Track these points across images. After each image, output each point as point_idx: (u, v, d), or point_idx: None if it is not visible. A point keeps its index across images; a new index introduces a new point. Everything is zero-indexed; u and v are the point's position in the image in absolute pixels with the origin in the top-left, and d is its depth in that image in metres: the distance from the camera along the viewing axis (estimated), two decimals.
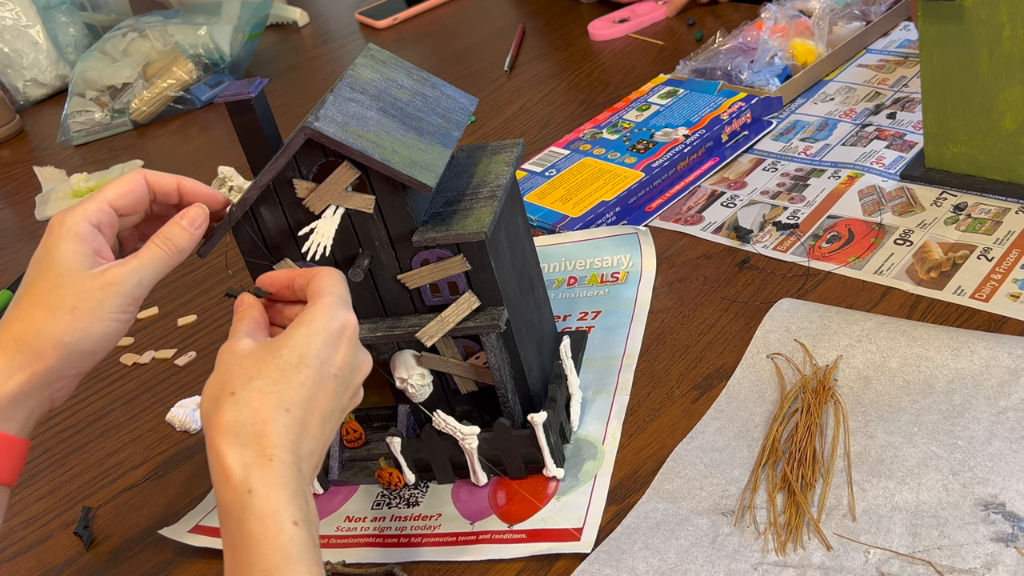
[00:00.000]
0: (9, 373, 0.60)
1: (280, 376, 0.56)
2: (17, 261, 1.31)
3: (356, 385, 0.61)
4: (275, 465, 0.54)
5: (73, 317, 0.61)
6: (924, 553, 0.63)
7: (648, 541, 0.68)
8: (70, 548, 0.83)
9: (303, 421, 0.56)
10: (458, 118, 0.76)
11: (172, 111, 1.65)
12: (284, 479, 0.54)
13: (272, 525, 0.52)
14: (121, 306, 0.62)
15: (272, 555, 0.52)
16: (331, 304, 0.60)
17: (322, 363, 0.58)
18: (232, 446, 0.54)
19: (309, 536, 0.53)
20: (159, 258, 0.65)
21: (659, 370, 0.84)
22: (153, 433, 0.94)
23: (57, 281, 0.62)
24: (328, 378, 0.58)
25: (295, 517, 0.53)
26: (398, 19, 1.77)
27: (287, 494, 0.53)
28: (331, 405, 0.58)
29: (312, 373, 0.57)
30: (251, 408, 0.55)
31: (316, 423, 0.57)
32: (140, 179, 0.68)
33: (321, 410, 0.57)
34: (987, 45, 0.87)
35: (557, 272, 0.99)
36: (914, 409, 0.73)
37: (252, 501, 0.53)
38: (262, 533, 0.52)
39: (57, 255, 0.62)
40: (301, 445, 0.56)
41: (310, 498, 0.55)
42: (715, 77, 1.22)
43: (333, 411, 0.59)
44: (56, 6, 1.83)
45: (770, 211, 1.00)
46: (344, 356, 0.59)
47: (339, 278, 0.63)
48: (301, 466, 0.55)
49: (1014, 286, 0.82)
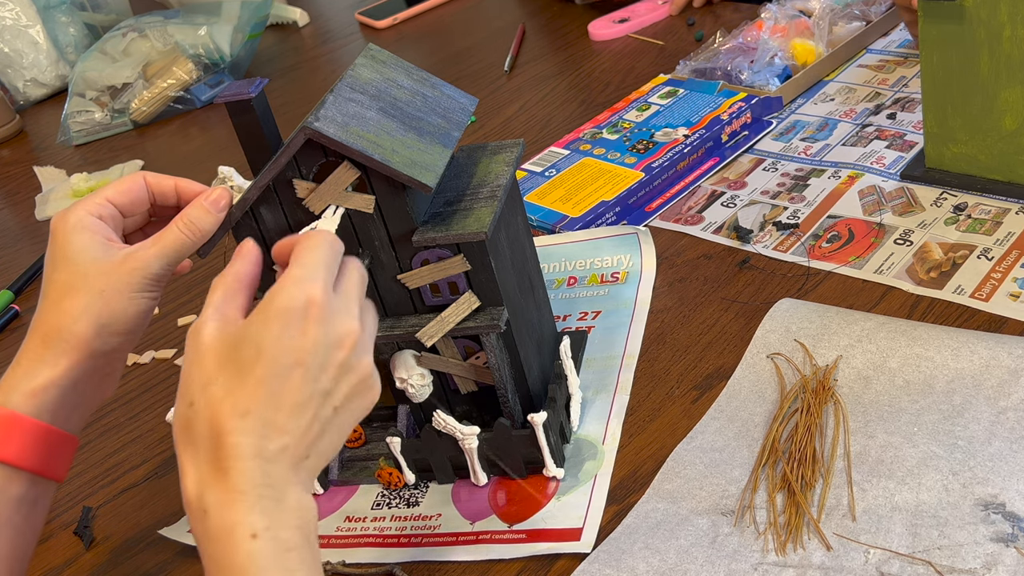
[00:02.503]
0: (54, 362, 0.61)
1: (236, 377, 0.52)
2: (17, 261, 1.31)
3: (342, 362, 0.55)
4: (231, 476, 0.50)
5: (103, 300, 0.62)
6: (924, 553, 0.63)
7: (648, 541, 0.68)
8: (70, 548, 0.83)
9: (266, 421, 0.52)
10: (458, 118, 0.76)
11: (172, 111, 1.65)
12: (241, 489, 0.50)
13: (228, 544, 0.50)
14: (147, 286, 0.64)
15: (230, 574, 0.49)
16: (292, 281, 0.54)
17: (281, 353, 0.52)
18: (189, 463, 0.52)
19: (273, 545, 0.50)
20: (180, 241, 0.65)
21: (659, 370, 0.84)
22: (153, 433, 0.94)
23: (80, 270, 0.63)
24: (292, 367, 0.52)
25: (254, 529, 0.50)
26: (398, 19, 1.77)
27: (244, 506, 0.50)
28: (305, 394, 0.53)
29: (271, 367, 0.52)
30: (206, 420, 0.52)
31: (285, 417, 0.52)
32: (139, 179, 0.68)
33: (291, 403, 0.52)
34: (987, 45, 0.87)
35: (557, 272, 0.99)
36: (914, 409, 0.73)
37: (207, 522, 0.50)
38: (220, 553, 0.50)
39: (72, 248, 0.63)
40: (266, 446, 0.51)
41: (288, 496, 0.52)
42: (715, 77, 1.22)
43: (311, 399, 0.53)
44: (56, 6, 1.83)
45: (770, 211, 1.00)
46: (312, 338, 0.53)
47: (315, 244, 0.56)
48: (269, 468, 0.51)
49: (1014, 286, 0.82)
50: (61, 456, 0.63)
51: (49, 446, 0.62)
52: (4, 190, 1.57)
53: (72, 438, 0.64)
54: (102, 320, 0.62)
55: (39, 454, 0.61)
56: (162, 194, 0.69)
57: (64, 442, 0.63)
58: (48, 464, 0.62)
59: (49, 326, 0.62)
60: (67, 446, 0.63)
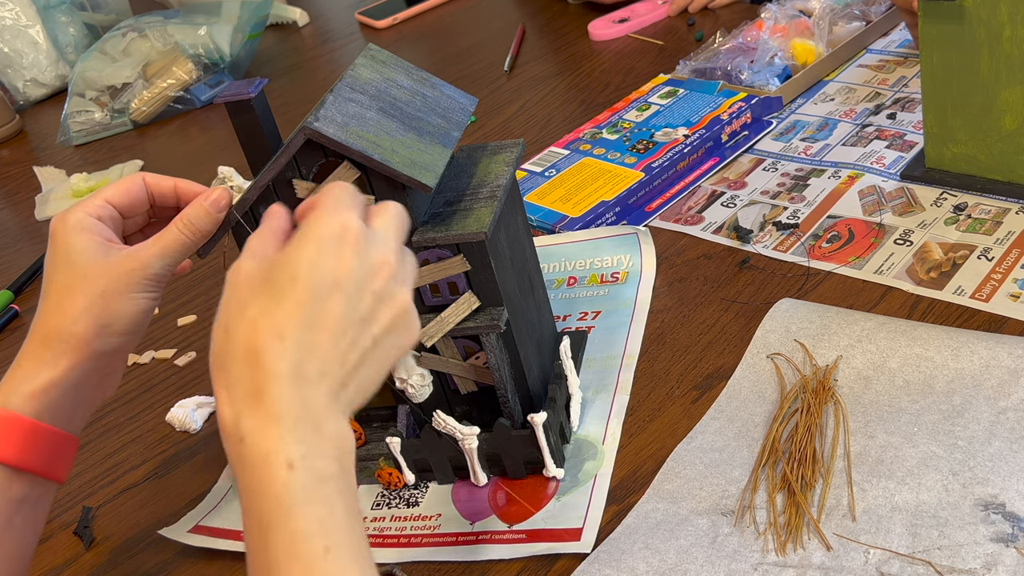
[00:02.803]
0: (54, 363, 0.61)
1: (272, 301, 0.51)
2: (17, 261, 1.31)
3: (378, 291, 0.54)
4: (267, 401, 0.49)
5: (104, 300, 0.62)
6: (924, 553, 0.63)
7: (648, 541, 0.68)
8: (70, 548, 0.83)
9: (304, 343, 0.50)
10: (458, 118, 0.76)
11: (172, 111, 1.65)
12: (278, 415, 0.49)
13: (264, 473, 0.48)
14: (147, 287, 0.64)
15: (265, 504, 0.48)
16: (324, 210, 0.54)
17: (318, 277, 0.51)
18: (223, 389, 0.50)
19: (310, 475, 0.48)
20: (180, 241, 0.65)
21: (659, 370, 0.84)
22: (153, 433, 0.94)
23: (80, 271, 0.63)
24: (330, 291, 0.51)
25: (291, 458, 0.48)
26: (398, 19, 1.77)
27: (281, 433, 0.48)
28: (343, 319, 0.52)
29: (307, 290, 0.51)
30: (242, 343, 0.50)
31: (324, 341, 0.51)
32: (138, 180, 0.69)
33: (330, 327, 0.51)
34: (987, 45, 0.87)
35: (557, 272, 0.99)
36: (914, 409, 0.73)
37: (244, 449, 0.49)
38: (256, 482, 0.48)
39: (72, 249, 0.64)
40: (304, 369, 0.50)
41: (326, 425, 0.50)
42: (715, 77, 1.22)
43: (349, 324, 0.52)
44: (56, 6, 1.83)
45: (770, 211, 1.00)
46: (348, 262, 0.52)
47: (341, 187, 0.56)
48: (307, 393, 0.50)
49: (1014, 286, 0.82)
50: (62, 457, 0.63)
51: (50, 447, 0.62)
52: (4, 190, 1.57)
53: (73, 439, 0.64)
54: (102, 321, 0.62)
55: (40, 455, 0.61)
56: (161, 195, 0.69)
57: (65, 443, 0.63)
58: (49, 465, 0.62)
59: (49, 327, 0.62)
60: (68, 447, 0.63)
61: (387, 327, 0.54)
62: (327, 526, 0.48)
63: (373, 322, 0.54)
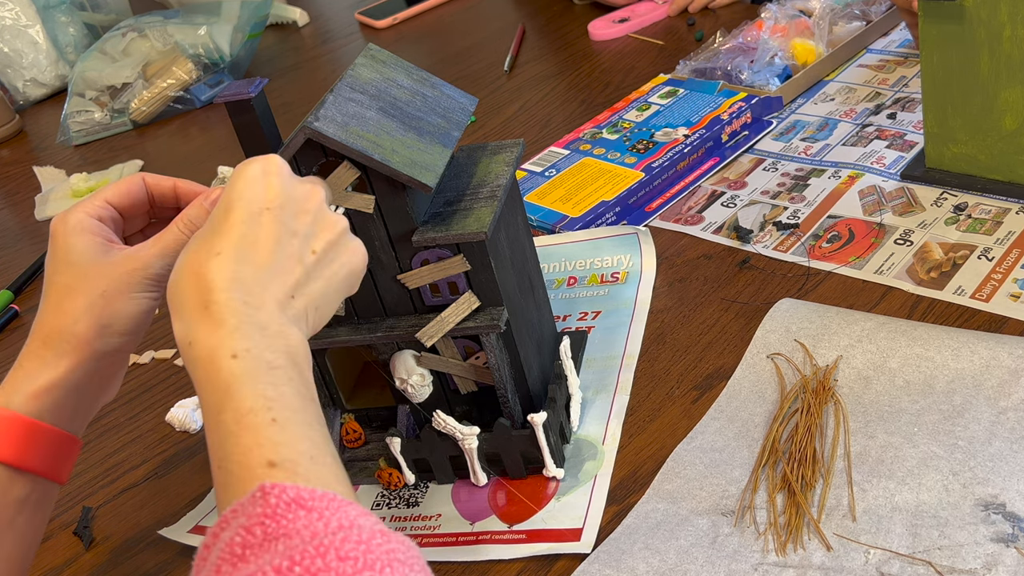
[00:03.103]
0: (55, 363, 0.61)
1: (210, 231, 0.55)
2: (17, 261, 1.31)
3: (312, 210, 0.57)
4: (212, 311, 0.52)
5: (104, 300, 0.62)
6: (924, 553, 0.63)
7: (648, 541, 0.68)
8: (70, 548, 0.83)
9: (240, 254, 0.54)
10: (458, 118, 0.76)
11: (172, 111, 1.65)
12: (221, 318, 0.51)
13: (211, 365, 0.50)
14: (147, 287, 0.64)
15: (213, 394, 0.50)
16: (246, 161, 0.58)
17: (248, 202, 0.55)
18: (175, 313, 0.53)
19: (255, 363, 0.50)
20: (180, 241, 0.65)
21: (659, 370, 0.84)
22: (153, 433, 0.94)
23: (80, 272, 0.63)
24: (262, 211, 0.55)
25: (234, 350, 0.50)
26: (398, 19, 1.77)
27: (225, 331, 0.51)
28: (278, 233, 0.55)
29: (239, 215, 0.55)
30: (186, 268, 0.54)
31: (263, 254, 0.54)
32: (138, 180, 0.68)
33: (265, 241, 0.55)
34: (987, 45, 0.87)
35: (557, 272, 0.99)
36: (914, 409, 0.73)
37: (193, 351, 0.52)
38: (205, 376, 0.51)
39: (72, 250, 0.64)
40: (241, 271, 0.53)
41: (271, 327, 0.52)
42: (715, 77, 1.22)
43: (286, 238, 0.55)
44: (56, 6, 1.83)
45: (770, 211, 1.00)
46: (275, 188, 0.56)
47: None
48: (250, 299, 0.53)
49: (1014, 286, 0.82)
50: (63, 457, 0.63)
51: (51, 447, 0.62)
52: (4, 190, 1.57)
53: (74, 439, 0.64)
54: (103, 321, 0.62)
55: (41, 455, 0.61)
56: (161, 195, 0.69)
57: (66, 443, 0.63)
58: (50, 465, 0.62)
59: (50, 328, 0.62)
60: (69, 447, 0.63)
61: (328, 243, 0.58)
62: (274, 402, 0.49)
63: (312, 238, 0.57)
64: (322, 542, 0.40)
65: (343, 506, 0.44)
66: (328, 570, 0.39)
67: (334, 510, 0.43)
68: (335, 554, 0.40)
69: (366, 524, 0.43)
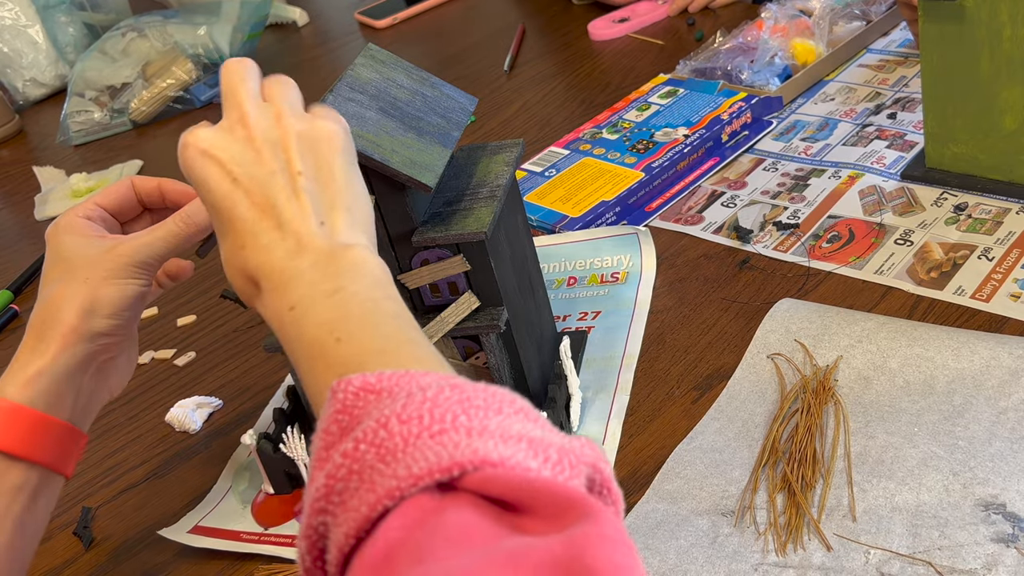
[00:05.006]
0: (44, 351, 0.63)
1: (221, 233, 0.56)
2: (17, 261, 1.31)
3: (257, 140, 0.59)
4: (261, 287, 0.53)
5: (86, 286, 0.64)
6: (924, 553, 0.63)
7: (648, 542, 0.68)
8: (70, 548, 0.83)
9: (255, 238, 0.53)
10: (458, 118, 0.76)
11: (172, 111, 1.65)
12: (270, 288, 0.52)
13: (281, 329, 0.51)
14: (132, 273, 0.66)
15: (292, 349, 0.50)
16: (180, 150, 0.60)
17: (215, 186, 0.56)
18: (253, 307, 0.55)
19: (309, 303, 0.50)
20: (172, 233, 0.67)
21: (659, 370, 0.84)
22: (153, 433, 0.94)
23: (68, 264, 0.65)
24: (232, 186, 0.55)
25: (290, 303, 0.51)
26: (398, 19, 1.76)
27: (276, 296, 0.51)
28: (260, 189, 0.54)
29: (223, 204, 0.55)
30: (232, 275, 0.55)
31: (267, 213, 0.54)
32: (126, 183, 0.72)
33: (259, 204, 0.54)
34: (988, 45, 0.87)
35: (557, 272, 0.99)
36: (914, 409, 0.73)
37: (274, 326, 0.52)
38: (284, 339, 0.51)
39: (62, 249, 0.66)
40: (270, 246, 0.53)
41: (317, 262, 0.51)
42: (715, 77, 1.22)
43: (267, 187, 0.54)
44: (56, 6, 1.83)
45: (770, 211, 1.00)
46: (223, 154, 0.59)
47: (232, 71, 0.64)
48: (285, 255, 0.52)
49: (1015, 286, 0.82)
50: (60, 445, 0.63)
51: (46, 435, 0.62)
52: (3, 190, 1.57)
53: (73, 429, 0.64)
54: (85, 305, 0.64)
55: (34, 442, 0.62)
56: (148, 195, 0.73)
57: (63, 432, 0.63)
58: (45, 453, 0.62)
59: (40, 319, 0.65)
60: (67, 436, 0.64)
61: (300, 152, 0.57)
62: (336, 324, 0.49)
63: (286, 163, 0.56)
64: (383, 412, 0.40)
65: (414, 377, 0.43)
66: (392, 436, 0.39)
67: (404, 384, 0.42)
68: (396, 419, 0.40)
69: (432, 382, 0.42)
